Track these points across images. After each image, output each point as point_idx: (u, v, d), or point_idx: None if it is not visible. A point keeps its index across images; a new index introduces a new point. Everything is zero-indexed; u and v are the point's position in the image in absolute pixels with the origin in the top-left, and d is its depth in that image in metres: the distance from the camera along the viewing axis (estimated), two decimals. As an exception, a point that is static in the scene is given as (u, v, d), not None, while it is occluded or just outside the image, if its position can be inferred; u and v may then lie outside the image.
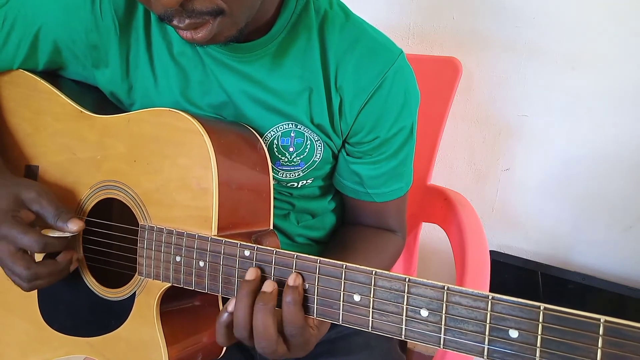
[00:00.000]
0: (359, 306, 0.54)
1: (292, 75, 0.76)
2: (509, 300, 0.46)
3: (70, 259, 0.75)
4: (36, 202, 0.72)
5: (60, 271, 0.74)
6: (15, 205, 0.71)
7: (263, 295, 0.58)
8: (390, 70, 0.76)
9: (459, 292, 0.49)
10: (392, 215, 0.91)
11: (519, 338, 0.46)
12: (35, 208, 0.72)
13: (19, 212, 0.71)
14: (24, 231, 0.68)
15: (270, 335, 0.58)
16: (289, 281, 0.58)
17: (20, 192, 0.72)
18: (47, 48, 0.80)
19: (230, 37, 0.63)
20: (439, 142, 1.33)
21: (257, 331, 0.58)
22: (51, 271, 0.72)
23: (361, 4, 1.36)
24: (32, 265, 0.70)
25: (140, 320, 0.71)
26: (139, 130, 0.73)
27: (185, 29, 0.60)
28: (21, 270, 0.70)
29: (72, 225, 0.71)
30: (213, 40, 0.63)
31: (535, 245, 1.50)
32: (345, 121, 0.78)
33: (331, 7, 0.77)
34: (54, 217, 0.71)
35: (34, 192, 0.72)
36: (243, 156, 0.72)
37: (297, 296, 0.57)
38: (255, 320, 0.58)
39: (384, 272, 0.53)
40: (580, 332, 0.43)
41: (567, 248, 1.47)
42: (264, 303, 0.58)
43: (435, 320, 0.50)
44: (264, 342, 0.58)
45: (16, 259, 0.70)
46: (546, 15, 1.25)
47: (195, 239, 0.66)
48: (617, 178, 1.33)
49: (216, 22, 0.60)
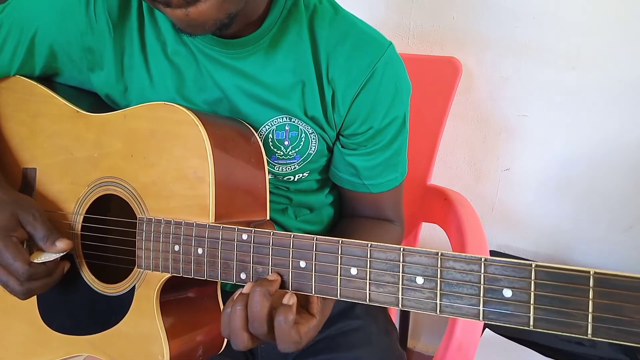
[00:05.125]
0: (357, 279, 0.55)
1: (285, 69, 0.77)
2: (502, 261, 0.47)
3: (62, 270, 0.77)
4: (30, 224, 0.74)
5: (52, 283, 0.75)
6: (12, 224, 0.73)
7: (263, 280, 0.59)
8: (380, 62, 0.77)
9: (452, 257, 0.49)
10: (389, 206, 0.91)
11: (512, 297, 0.46)
12: (29, 229, 0.74)
13: (14, 232, 0.72)
14: (14, 256, 0.70)
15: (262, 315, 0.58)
16: (284, 299, 0.58)
17: (17, 210, 0.74)
18: (43, 52, 0.81)
19: (220, 22, 0.63)
20: (439, 142, 1.33)
21: (250, 311, 0.58)
22: (44, 284, 0.74)
23: (361, 4, 1.39)
24: (24, 282, 0.72)
25: (140, 314, 0.72)
26: (135, 125, 0.75)
27: (177, 5, 0.60)
28: (15, 286, 0.71)
29: (60, 243, 0.74)
30: (203, 27, 0.63)
31: (535, 245, 1.50)
32: (339, 113, 0.79)
33: (320, 2, 0.79)
34: (42, 238, 0.74)
35: (30, 214, 0.74)
36: (238, 147, 0.73)
37: (290, 315, 0.57)
38: (251, 299, 0.58)
39: (379, 244, 0.53)
40: (571, 285, 0.43)
41: (567, 248, 1.46)
42: (261, 286, 0.58)
43: (431, 287, 0.50)
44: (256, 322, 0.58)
45: (9, 276, 0.71)
46: (546, 15, 1.26)
47: (194, 227, 0.66)
48: (617, 178, 1.33)
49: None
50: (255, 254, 0.62)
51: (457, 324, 0.84)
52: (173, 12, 0.61)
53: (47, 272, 0.74)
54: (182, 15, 0.61)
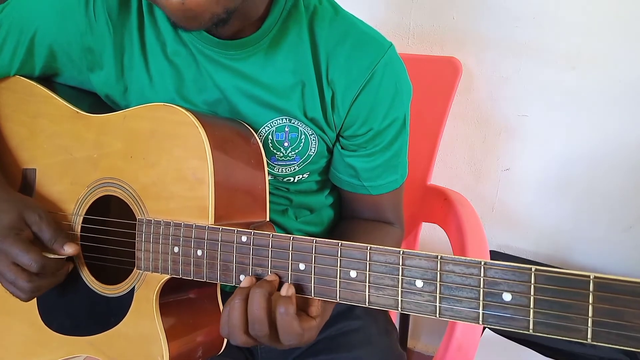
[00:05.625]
0: (356, 282, 0.55)
1: (285, 70, 0.77)
2: (501, 265, 0.47)
3: (67, 270, 0.78)
4: (37, 225, 0.75)
5: (57, 282, 0.76)
6: (20, 224, 0.74)
7: (262, 282, 0.59)
8: (380, 63, 0.77)
9: (452, 261, 0.49)
10: (389, 208, 0.91)
11: (512, 301, 0.46)
12: (35, 229, 0.75)
13: (22, 231, 0.73)
14: (26, 250, 0.71)
15: (262, 318, 0.58)
16: (282, 291, 0.59)
17: (23, 210, 0.75)
18: (43, 52, 0.81)
19: (217, 16, 0.62)
20: (439, 142, 1.33)
21: (250, 313, 0.58)
22: (50, 283, 0.75)
23: (361, 4, 1.38)
24: (33, 278, 0.72)
25: (140, 315, 0.72)
26: (135, 126, 0.75)
27: None
28: (23, 283, 0.72)
29: (68, 248, 0.75)
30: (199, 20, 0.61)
31: (535, 245, 1.50)
32: (338, 114, 0.79)
33: (320, 2, 0.79)
34: (50, 240, 0.75)
35: (36, 214, 0.75)
36: (238, 148, 0.73)
37: (290, 306, 0.57)
38: (250, 301, 0.58)
39: (378, 247, 0.53)
40: (571, 290, 0.43)
41: (567, 248, 1.46)
42: (260, 287, 0.58)
43: (431, 290, 0.50)
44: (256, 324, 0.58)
45: (18, 273, 0.72)
46: (546, 15, 1.26)
47: (193, 229, 0.66)
48: (617, 178, 1.33)
49: None
50: (254, 256, 0.62)
51: (457, 325, 0.84)
52: (169, 2, 0.60)
53: (57, 268, 0.75)
54: (177, 4, 0.59)
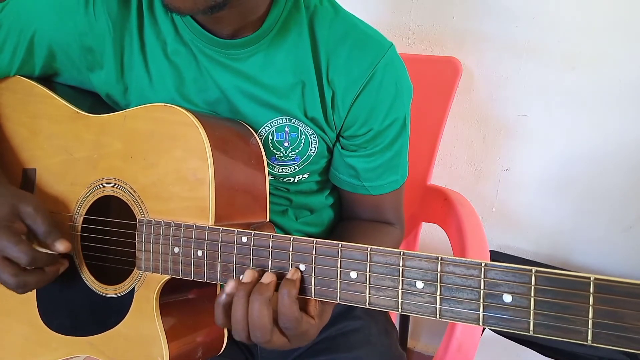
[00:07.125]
0: (356, 283, 0.55)
1: (285, 70, 0.77)
2: (502, 266, 0.47)
3: (57, 269, 0.76)
4: (31, 217, 0.73)
5: (47, 280, 0.75)
6: (11, 216, 0.72)
7: (260, 286, 0.59)
8: (380, 63, 0.77)
9: (452, 262, 0.49)
10: (389, 208, 0.91)
11: (512, 302, 0.46)
12: (28, 222, 0.73)
13: (13, 223, 0.72)
14: (16, 242, 0.69)
15: (264, 325, 0.58)
16: (288, 274, 0.59)
17: (18, 203, 0.73)
18: (42, 52, 0.81)
19: (212, 3, 0.63)
20: (439, 142, 1.33)
21: (251, 320, 0.58)
22: (38, 280, 0.73)
23: (361, 4, 1.39)
24: (19, 273, 0.71)
25: (140, 315, 0.72)
26: (135, 126, 0.74)
27: None
28: (8, 277, 0.70)
29: (60, 245, 0.73)
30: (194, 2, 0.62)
31: (535, 245, 1.50)
32: (339, 114, 0.79)
33: (320, 2, 0.79)
34: (44, 234, 0.73)
35: (31, 206, 0.73)
36: (238, 148, 0.73)
37: (293, 289, 0.57)
38: (251, 309, 0.58)
39: (378, 248, 0.53)
40: (571, 291, 0.43)
41: (567, 248, 1.46)
42: (259, 293, 0.58)
43: (431, 291, 0.50)
44: (258, 331, 0.58)
45: (5, 266, 0.70)
46: (546, 15, 1.25)
47: (193, 229, 0.66)
48: (617, 178, 1.33)
49: None
50: (254, 256, 0.62)
51: (457, 325, 0.84)
52: None
53: (46, 263, 0.73)
54: None
